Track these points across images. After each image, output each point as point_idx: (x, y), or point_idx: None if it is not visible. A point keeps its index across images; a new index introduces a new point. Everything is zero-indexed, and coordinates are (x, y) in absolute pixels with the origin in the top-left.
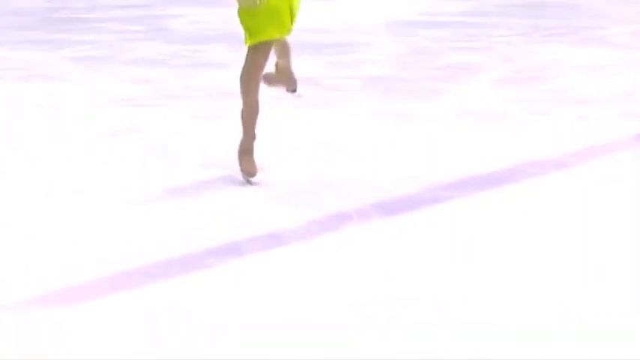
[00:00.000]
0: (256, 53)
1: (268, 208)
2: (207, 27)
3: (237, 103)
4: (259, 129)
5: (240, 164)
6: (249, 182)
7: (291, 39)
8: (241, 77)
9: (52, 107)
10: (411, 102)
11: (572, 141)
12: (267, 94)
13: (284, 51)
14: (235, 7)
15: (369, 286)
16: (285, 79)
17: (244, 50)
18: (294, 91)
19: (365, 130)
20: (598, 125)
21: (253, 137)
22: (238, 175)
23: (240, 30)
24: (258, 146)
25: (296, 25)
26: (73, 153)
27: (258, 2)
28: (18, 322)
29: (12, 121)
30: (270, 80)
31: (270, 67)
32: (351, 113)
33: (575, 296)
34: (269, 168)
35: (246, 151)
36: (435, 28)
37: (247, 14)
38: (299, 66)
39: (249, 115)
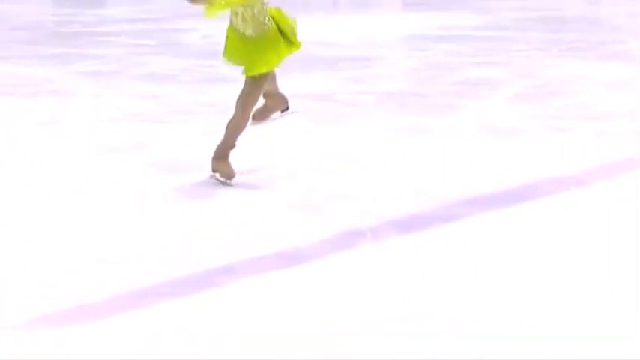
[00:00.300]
0: (256, 82)
1: (282, 224)
2: (219, 41)
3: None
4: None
5: (217, 168)
6: (227, 184)
7: (305, 53)
8: (239, 99)
9: (60, 122)
10: (427, 117)
11: (591, 157)
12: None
13: (271, 75)
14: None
15: (383, 304)
16: (276, 102)
17: None
18: (287, 109)
19: (379, 146)
20: (618, 141)
21: (233, 147)
22: (247, 184)
23: None
24: (271, 160)
25: (311, 40)
26: (77, 162)
27: (271, 25)
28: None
29: (18, 135)
30: (261, 117)
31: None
32: (366, 128)
33: (592, 317)
34: (283, 184)
35: (223, 157)
36: (451, 42)
37: (248, 46)
38: (312, 81)
39: (237, 128)
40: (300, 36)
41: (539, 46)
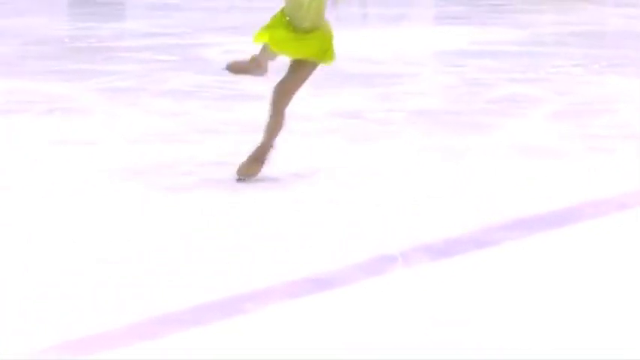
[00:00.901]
0: (306, 70)
1: (311, 250)
2: (242, 56)
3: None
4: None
5: (246, 165)
6: (241, 180)
7: (333, 69)
8: (280, 88)
9: (74, 142)
10: (461, 137)
11: (633, 179)
12: (308, 130)
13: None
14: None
15: (414, 332)
16: (255, 67)
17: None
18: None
19: (410, 166)
20: None
21: (272, 147)
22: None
23: (279, 59)
24: (291, 172)
25: (340, 55)
26: (87, 180)
27: (326, 25)
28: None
29: (30, 155)
30: (238, 69)
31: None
32: (396, 148)
33: (635, 344)
34: (311, 206)
35: (261, 158)
36: (486, 57)
37: (300, 37)
38: (341, 98)
39: (277, 126)
40: None
41: (579, 62)
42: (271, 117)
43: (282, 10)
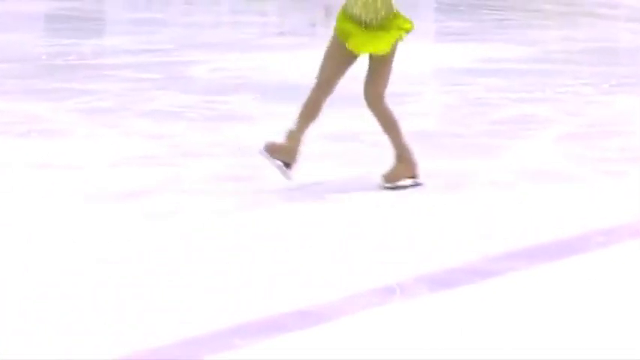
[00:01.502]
0: (388, 54)
1: (309, 280)
2: (231, 75)
3: (266, 163)
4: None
5: (389, 172)
6: (417, 184)
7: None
8: (370, 89)
9: (54, 166)
10: (464, 160)
11: None
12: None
13: (312, 115)
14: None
15: None
16: (288, 151)
17: (274, 101)
18: (287, 165)
19: (409, 192)
20: None
21: (403, 140)
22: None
23: (270, 78)
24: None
25: None
26: (69, 209)
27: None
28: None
29: (9, 182)
30: (273, 150)
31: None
32: None
33: None
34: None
35: (401, 161)
36: (491, 76)
37: (368, 30)
38: (336, 119)
39: (392, 122)
40: None
41: (588, 80)
42: (381, 121)
43: (347, 17)
